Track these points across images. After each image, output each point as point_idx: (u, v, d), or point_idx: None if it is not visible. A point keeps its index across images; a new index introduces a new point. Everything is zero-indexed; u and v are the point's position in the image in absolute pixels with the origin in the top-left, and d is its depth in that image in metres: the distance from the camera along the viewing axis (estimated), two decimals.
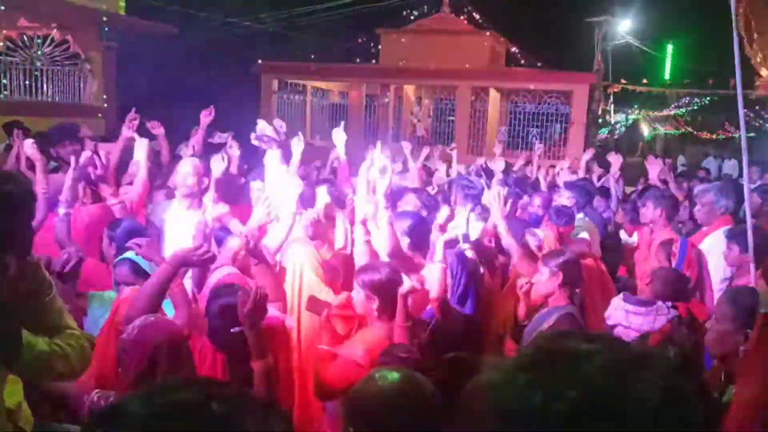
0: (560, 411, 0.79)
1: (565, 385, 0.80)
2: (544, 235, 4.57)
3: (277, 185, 3.94)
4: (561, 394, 0.79)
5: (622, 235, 6.43)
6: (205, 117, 6.21)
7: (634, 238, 5.78)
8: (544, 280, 3.57)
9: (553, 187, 6.92)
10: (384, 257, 3.52)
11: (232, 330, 2.62)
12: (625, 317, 3.64)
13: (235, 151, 5.94)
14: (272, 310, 3.03)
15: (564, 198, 5.64)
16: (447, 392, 2.06)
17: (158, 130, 6.03)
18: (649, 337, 3.29)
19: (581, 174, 7.76)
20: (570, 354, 0.84)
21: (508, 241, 4.09)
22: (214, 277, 3.21)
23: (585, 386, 0.80)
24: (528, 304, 3.61)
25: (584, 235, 5.14)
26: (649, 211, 5.03)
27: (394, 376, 1.92)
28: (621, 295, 3.81)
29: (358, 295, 3.05)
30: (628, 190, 8.83)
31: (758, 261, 3.63)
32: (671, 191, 6.36)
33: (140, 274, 3.30)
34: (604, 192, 7.27)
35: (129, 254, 3.39)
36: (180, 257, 2.85)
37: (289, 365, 3.16)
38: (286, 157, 4.55)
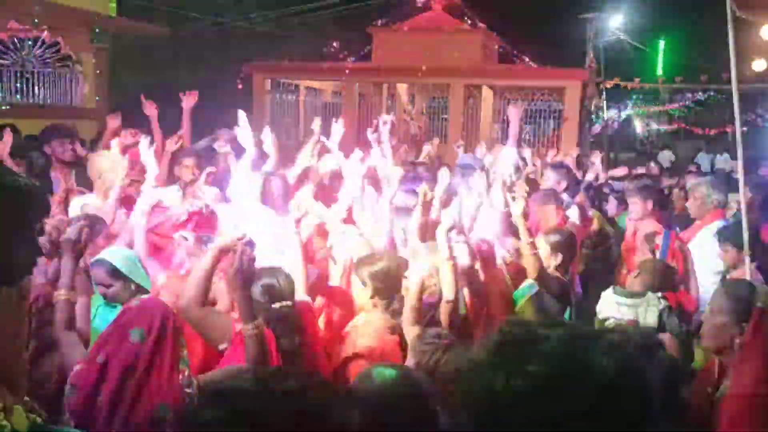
0: (519, 386, 0.83)
1: (524, 363, 0.84)
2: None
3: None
4: (520, 371, 0.83)
5: None
6: (188, 100, 6.25)
7: None
8: (543, 255, 3.60)
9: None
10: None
11: (273, 306, 2.89)
12: (617, 309, 3.66)
13: (225, 148, 5.96)
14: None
15: (550, 181, 5.65)
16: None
17: (152, 111, 6.05)
18: None
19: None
20: (531, 336, 0.89)
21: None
22: None
23: (542, 363, 0.84)
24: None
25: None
26: (638, 205, 5.12)
27: (390, 373, 1.92)
28: (610, 288, 3.83)
29: (355, 284, 3.10)
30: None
31: (752, 254, 3.64)
32: (657, 184, 6.48)
33: (117, 276, 3.30)
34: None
35: (104, 254, 3.39)
36: (222, 245, 2.96)
37: (315, 346, 3.21)
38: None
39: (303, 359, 2.94)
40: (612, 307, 3.67)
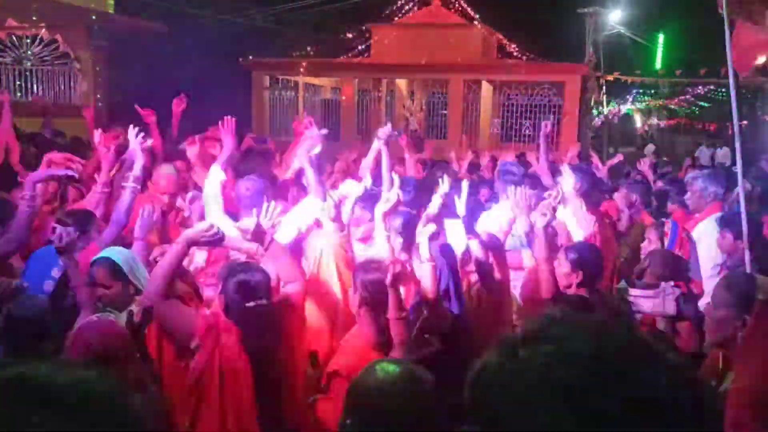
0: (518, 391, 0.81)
1: (527, 366, 0.83)
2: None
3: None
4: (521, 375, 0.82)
5: None
6: (177, 106, 6.26)
7: None
8: (562, 273, 3.49)
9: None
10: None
11: (247, 305, 2.78)
12: (634, 302, 3.64)
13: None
14: (291, 287, 3.13)
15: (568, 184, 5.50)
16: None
17: (150, 118, 6.01)
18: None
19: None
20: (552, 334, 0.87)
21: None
22: None
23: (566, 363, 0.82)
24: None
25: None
26: (623, 194, 5.26)
27: (394, 368, 1.90)
28: (623, 281, 3.81)
29: (353, 291, 3.06)
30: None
31: (751, 247, 3.63)
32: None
33: (117, 276, 3.15)
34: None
35: (105, 252, 3.29)
36: (190, 237, 2.91)
37: (299, 346, 3.15)
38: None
39: (273, 361, 2.86)
40: (627, 299, 3.67)
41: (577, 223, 4.29)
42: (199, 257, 3.92)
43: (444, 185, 3.79)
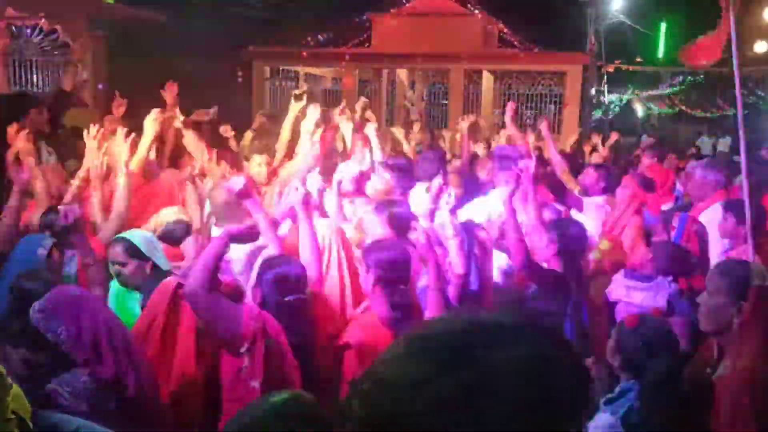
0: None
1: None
2: None
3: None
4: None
5: None
6: (169, 93, 5.97)
7: None
8: (541, 246, 3.53)
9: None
10: None
11: (286, 299, 2.76)
12: (626, 293, 3.66)
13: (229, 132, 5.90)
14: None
15: (590, 179, 5.49)
16: None
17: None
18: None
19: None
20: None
21: None
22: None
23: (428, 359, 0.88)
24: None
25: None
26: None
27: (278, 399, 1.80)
28: (622, 271, 3.82)
29: (364, 271, 3.07)
30: None
31: (754, 234, 3.63)
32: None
33: (134, 255, 3.31)
34: None
35: (124, 233, 3.43)
36: (232, 232, 2.84)
37: (319, 339, 3.14)
38: None
39: (310, 353, 2.84)
40: (621, 290, 3.67)
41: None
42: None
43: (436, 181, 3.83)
